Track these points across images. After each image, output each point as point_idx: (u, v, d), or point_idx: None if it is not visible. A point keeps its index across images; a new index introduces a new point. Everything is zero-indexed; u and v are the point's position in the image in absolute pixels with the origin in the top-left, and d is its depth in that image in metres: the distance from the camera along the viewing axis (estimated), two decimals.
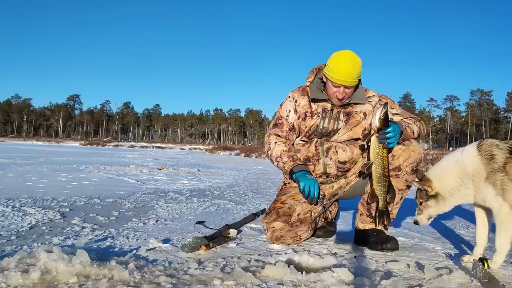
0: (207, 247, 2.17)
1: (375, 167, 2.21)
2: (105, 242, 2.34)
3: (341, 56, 2.35)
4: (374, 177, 2.22)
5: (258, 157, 21.81)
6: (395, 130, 2.17)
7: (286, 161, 2.47)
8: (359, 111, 2.49)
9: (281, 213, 2.45)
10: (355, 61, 2.33)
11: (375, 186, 2.24)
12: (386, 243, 2.35)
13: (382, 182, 2.22)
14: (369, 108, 2.50)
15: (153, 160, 14.18)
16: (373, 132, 2.18)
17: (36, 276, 1.59)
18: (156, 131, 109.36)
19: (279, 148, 2.52)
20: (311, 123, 2.51)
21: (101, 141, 60.36)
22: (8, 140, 56.12)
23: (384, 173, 2.20)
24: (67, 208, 3.48)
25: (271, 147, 2.55)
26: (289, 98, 2.59)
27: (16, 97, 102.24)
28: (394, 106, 2.51)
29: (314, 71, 2.59)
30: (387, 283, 1.70)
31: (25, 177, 6.00)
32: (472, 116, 75.35)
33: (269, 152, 2.56)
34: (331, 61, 2.37)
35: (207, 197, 4.71)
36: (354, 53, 2.37)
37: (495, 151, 1.94)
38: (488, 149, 1.96)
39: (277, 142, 2.54)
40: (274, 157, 2.53)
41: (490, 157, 1.94)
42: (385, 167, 2.20)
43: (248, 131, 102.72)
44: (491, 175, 1.92)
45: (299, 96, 2.56)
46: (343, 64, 2.31)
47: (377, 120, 2.14)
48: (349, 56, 2.34)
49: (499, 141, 2.01)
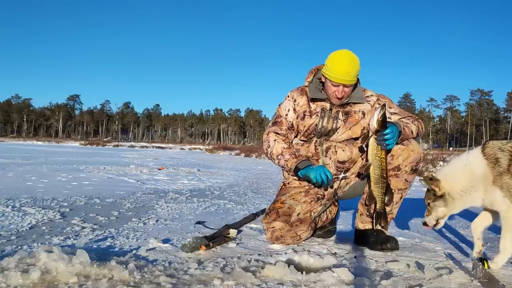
0: (207, 247, 2.17)
1: (373, 169, 2.20)
2: (105, 242, 2.34)
3: (339, 56, 2.36)
4: (372, 178, 2.22)
5: (258, 157, 21.81)
6: (393, 132, 2.17)
7: (288, 158, 2.46)
8: (357, 110, 2.50)
9: (281, 213, 2.45)
10: (353, 60, 2.35)
11: (373, 187, 2.23)
12: (386, 243, 2.35)
13: (380, 184, 2.21)
14: (368, 108, 2.50)
15: (153, 160, 14.18)
16: (371, 133, 2.18)
17: (36, 276, 1.59)
18: (156, 131, 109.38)
19: (279, 145, 2.50)
20: (310, 122, 2.51)
21: (101, 141, 60.37)
22: (8, 140, 56.14)
23: (382, 175, 2.20)
24: (67, 208, 3.49)
25: (271, 145, 2.53)
26: (288, 98, 2.59)
27: (16, 97, 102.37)
28: (392, 106, 2.51)
29: (313, 72, 2.60)
30: (387, 283, 1.70)
31: (25, 177, 6.00)
32: (472, 116, 75.37)
33: (269, 150, 2.54)
34: (330, 60, 2.38)
35: (207, 197, 4.71)
36: (352, 52, 2.39)
37: (499, 154, 1.95)
38: (492, 152, 1.97)
39: (276, 139, 2.53)
40: (275, 155, 2.51)
41: (495, 161, 1.95)
42: (383, 168, 2.19)
43: (248, 131, 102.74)
44: (497, 179, 1.93)
45: (298, 95, 2.56)
46: (342, 64, 2.32)
47: (375, 121, 2.14)
48: (347, 55, 2.36)
49: (501, 142, 2.01)
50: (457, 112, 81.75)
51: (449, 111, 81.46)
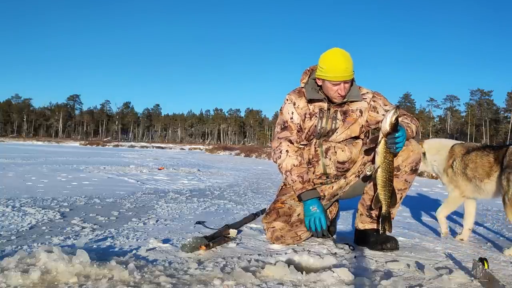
0: (207, 247, 2.17)
1: (381, 172, 2.18)
2: (105, 242, 2.34)
3: (333, 55, 2.37)
4: (380, 181, 2.20)
5: (258, 157, 21.80)
6: (403, 135, 2.15)
7: (295, 180, 2.42)
8: (355, 109, 2.49)
9: (281, 213, 2.45)
10: (346, 56, 2.37)
11: (380, 190, 2.21)
12: (386, 243, 2.35)
13: (387, 187, 2.20)
14: (364, 105, 2.49)
15: (153, 160, 14.18)
16: (382, 136, 2.15)
17: (36, 276, 1.59)
18: (156, 131, 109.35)
19: (289, 161, 2.45)
20: (310, 124, 2.51)
21: (101, 141, 60.33)
22: (8, 140, 56.05)
23: (390, 178, 2.19)
24: (67, 208, 3.49)
25: (282, 157, 2.48)
26: (288, 101, 2.56)
27: (16, 97, 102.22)
28: (386, 103, 2.51)
29: (307, 72, 2.58)
30: (387, 283, 1.70)
31: (25, 177, 6.00)
32: (472, 116, 75.33)
33: (279, 161, 2.49)
34: (324, 62, 2.37)
35: (207, 197, 4.71)
36: (342, 49, 2.40)
37: (457, 155, 2.79)
38: (457, 151, 2.80)
39: (288, 151, 2.47)
40: (283, 170, 2.47)
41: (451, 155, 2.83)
42: (390, 171, 2.18)
43: (248, 131, 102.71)
44: (446, 168, 2.84)
45: (296, 98, 2.55)
46: (338, 62, 2.33)
47: (387, 124, 2.10)
48: (340, 53, 2.37)
49: (467, 148, 2.76)
50: (457, 112, 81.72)
51: (449, 111, 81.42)
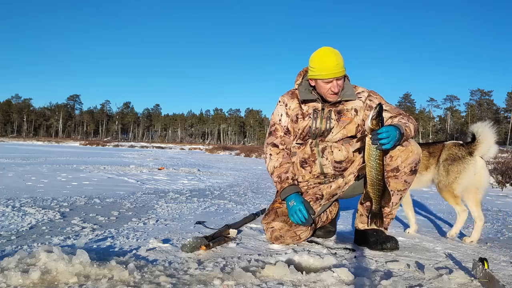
0: (207, 247, 2.17)
1: (368, 170, 2.17)
2: (105, 242, 2.34)
3: (322, 53, 2.39)
4: (368, 179, 2.20)
5: (258, 157, 21.81)
6: (388, 131, 2.12)
7: (276, 181, 2.51)
8: (350, 108, 2.49)
9: (280, 213, 2.45)
10: (335, 53, 2.39)
11: (369, 188, 2.21)
12: (386, 243, 2.35)
13: (376, 186, 2.18)
14: (360, 104, 2.49)
15: (153, 160, 14.18)
16: (367, 133, 2.16)
17: (36, 276, 1.59)
18: (156, 131, 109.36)
19: (271, 164, 2.54)
20: (303, 124, 2.51)
21: (101, 141, 60.38)
22: (8, 140, 56.10)
23: (378, 177, 2.16)
24: (67, 208, 3.49)
25: (267, 161, 2.60)
26: (280, 103, 2.61)
27: (16, 97, 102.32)
28: (383, 102, 2.51)
29: (301, 73, 2.59)
30: (387, 283, 1.70)
31: (25, 177, 6.00)
32: (472, 116, 75.36)
33: (266, 165, 2.62)
34: (315, 61, 2.40)
35: (207, 197, 4.71)
36: (330, 47, 2.42)
37: None
38: None
39: (271, 154, 2.56)
40: (269, 173, 2.59)
41: None
42: (378, 169, 2.15)
43: (248, 131, 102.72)
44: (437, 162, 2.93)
45: (289, 99, 2.57)
46: (328, 59, 2.35)
47: (369, 121, 2.12)
48: (328, 50, 2.40)
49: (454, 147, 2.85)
50: (457, 112, 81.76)
51: (449, 111, 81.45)
